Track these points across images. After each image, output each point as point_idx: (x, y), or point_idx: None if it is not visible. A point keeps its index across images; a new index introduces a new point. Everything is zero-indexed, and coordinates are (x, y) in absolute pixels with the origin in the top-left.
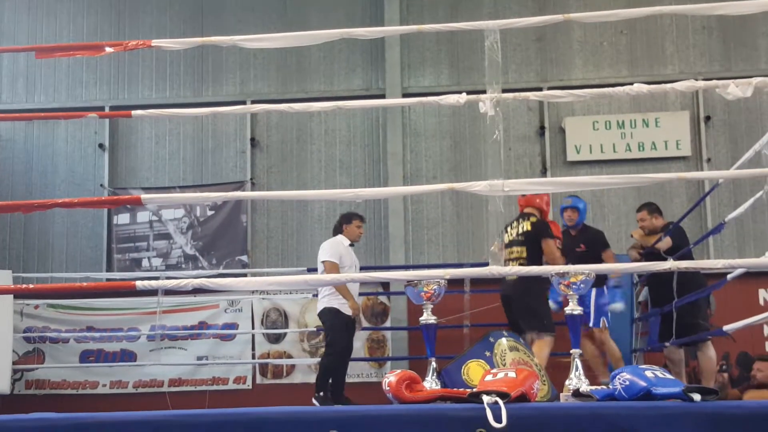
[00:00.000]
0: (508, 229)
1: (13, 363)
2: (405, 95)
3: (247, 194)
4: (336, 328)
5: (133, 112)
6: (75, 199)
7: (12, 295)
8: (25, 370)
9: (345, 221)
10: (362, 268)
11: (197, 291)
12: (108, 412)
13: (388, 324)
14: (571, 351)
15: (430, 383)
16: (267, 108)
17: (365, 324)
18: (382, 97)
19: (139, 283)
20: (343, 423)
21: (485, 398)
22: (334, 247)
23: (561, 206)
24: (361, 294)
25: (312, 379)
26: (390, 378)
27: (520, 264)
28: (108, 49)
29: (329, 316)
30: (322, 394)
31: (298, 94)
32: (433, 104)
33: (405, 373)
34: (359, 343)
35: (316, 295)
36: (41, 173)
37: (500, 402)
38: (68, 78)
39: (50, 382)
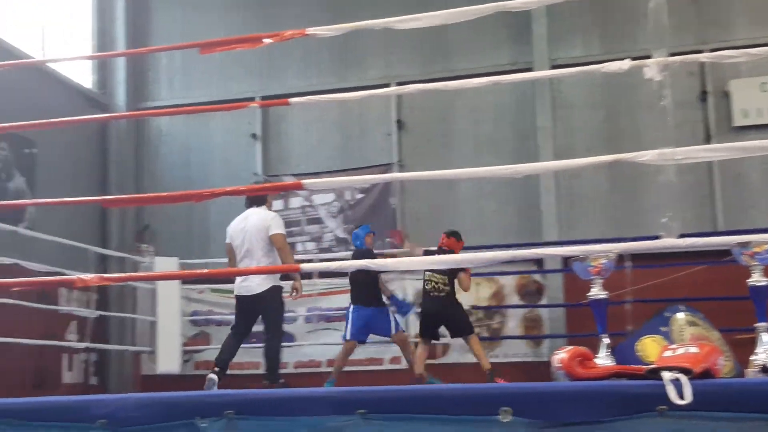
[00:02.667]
0: None
1: (182, 345)
2: (553, 67)
3: (406, 175)
4: (281, 308)
5: (290, 100)
6: (242, 186)
7: (179, 281)
8: (193, 351)
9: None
10: (514, 246)
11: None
12: (289, 388)
13: (544, 302)
14: (755, 325)
15: (604, 360)
16: (420, 88)
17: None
18: (529, 71)
19: (303, 266)
20: (517, 400)
21: (665, 374)
22: (280, 220)
23: (366, 231)
24: (515, 273)
25: (467, 359)
26: (561, 355)
27: (442, 289)
28: (266, 41)
29: (276, 295)
30: (282, 381)
31: (443, 73)
32: (586, 75)
33: (577, 350)
34: (514, 322)
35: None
36: (199, 164)
37: (683, 378)
38: (220, 73)
39: None
